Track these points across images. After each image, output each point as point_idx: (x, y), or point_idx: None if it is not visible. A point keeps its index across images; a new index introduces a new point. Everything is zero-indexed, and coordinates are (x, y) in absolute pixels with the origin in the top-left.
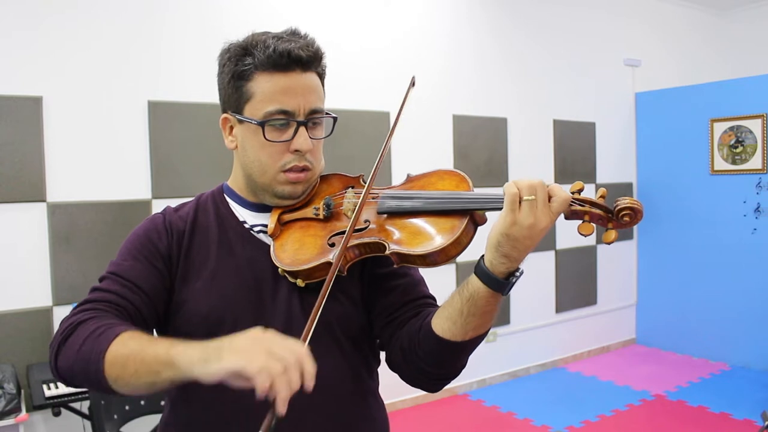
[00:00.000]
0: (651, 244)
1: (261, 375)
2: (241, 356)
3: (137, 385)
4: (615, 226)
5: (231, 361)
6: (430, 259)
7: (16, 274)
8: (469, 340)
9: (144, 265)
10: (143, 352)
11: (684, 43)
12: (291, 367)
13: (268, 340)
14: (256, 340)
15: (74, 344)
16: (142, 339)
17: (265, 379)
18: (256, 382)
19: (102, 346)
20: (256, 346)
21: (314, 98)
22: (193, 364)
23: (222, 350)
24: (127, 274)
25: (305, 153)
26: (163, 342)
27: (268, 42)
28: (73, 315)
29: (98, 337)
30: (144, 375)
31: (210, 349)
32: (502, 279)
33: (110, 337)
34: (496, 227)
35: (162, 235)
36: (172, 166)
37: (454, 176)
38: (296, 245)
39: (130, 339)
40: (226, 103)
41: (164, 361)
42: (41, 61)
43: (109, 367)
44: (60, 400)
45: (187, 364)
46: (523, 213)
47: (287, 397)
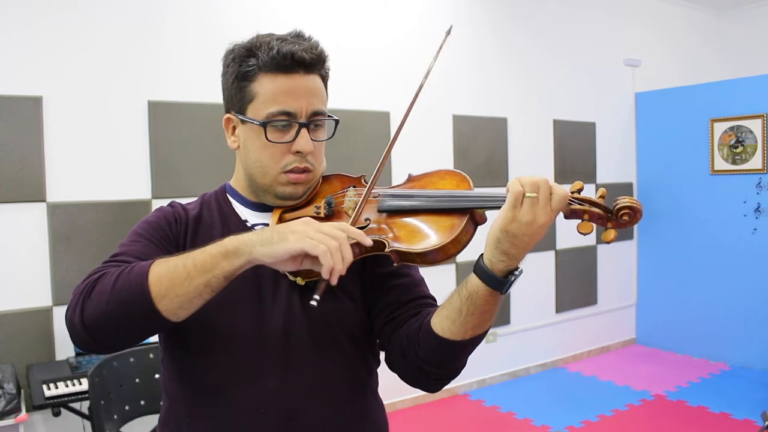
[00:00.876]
0: (651, 244)
1: (325, 254)
2: (304, 237)
3: (189, 291)
4: (614, 226)
5: (296, 243)
6: (429, 258)
7: (16, 274)
8: (468, 340)
9: (157, 246)
10: (191, 256)
11: (684, 43)
12: (343, 241)
13: (317, 223)
14: (309, 223)
15: (104, 288)
16: (179, 255)
17: (329, 257)
18: (323, 260)
19: (141, 270)
20: (311, 229)
21: (316, 100)
22: (254, 246)
23: (283, 232)
24: (138, 253)
25: (306, 155)
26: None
27: (272, 43)
28: (88, 276)
29: (131, 270)
30: (198, 275)
31: (267, 232)
32: (500, 277)
33: (146, 265)
34: (496, 224)
35: (172, 223)
36: (172, 166)
37: (455, 176)
38: None
39: (168, 258)
40: (229, 103)
41: (220, 252)
42: (41, 61)
43: (155, 283)
44: (60, 400)
45: (249, 247)
46: (524, 210)
47: (342, 269)
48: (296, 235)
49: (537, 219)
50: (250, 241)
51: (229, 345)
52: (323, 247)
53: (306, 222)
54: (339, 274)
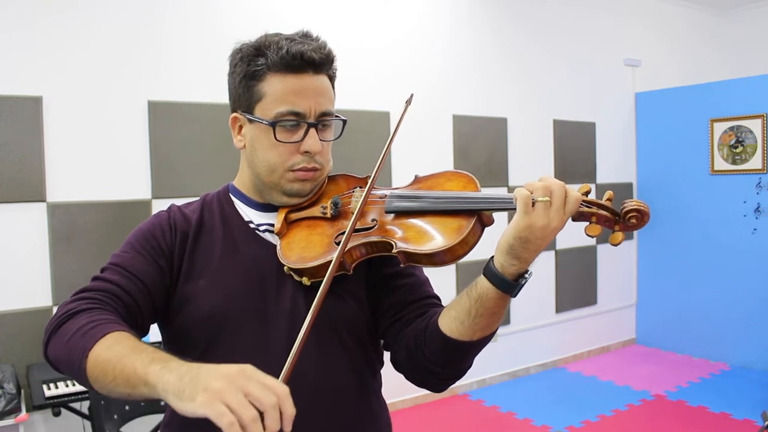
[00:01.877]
0: (651, 244)
1: (232, 428)
2: (213, 402)
3: (115, 392)
4: (622, 228)
5: (202, 406)
6: (437, 259)
7: (16, 274)
8: (477, 341)
9: (146, 259)
10: (124, 361)
11: (684, 43)
12: (269, 410)
13: (245, 380)
14: (232, 380)
15: (65, 335)
16: (127, 345)
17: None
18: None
19: (88, 344)
20: (231, 388)
21: (325, 100)
22: (167, 392)
23: (197, 387)
24: (127, 265)
25: (315, 154)
26: (145, 354)
27: (281, 43)
28: (70, 302)
29: (86, 333)
30: (121, 385)
31: (186, 380)
32: (511, 281)
33: (97, 336)
34: (509, 231)
35: (166, 233)
36: (172, 166)
37: (462, 177)
38: (303, 243)
39: (116, 342)
40: (236, 102)
41: (141, 377)
42: (41, 61)
43: (91, 365)
44: (60, 400)
45: (162, 390)
46: (537, 214)
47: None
48: (205, 396)
49: (551, 223)
50: (166, 386)
51: (233, 347)
52: (229, 419)
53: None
54: None
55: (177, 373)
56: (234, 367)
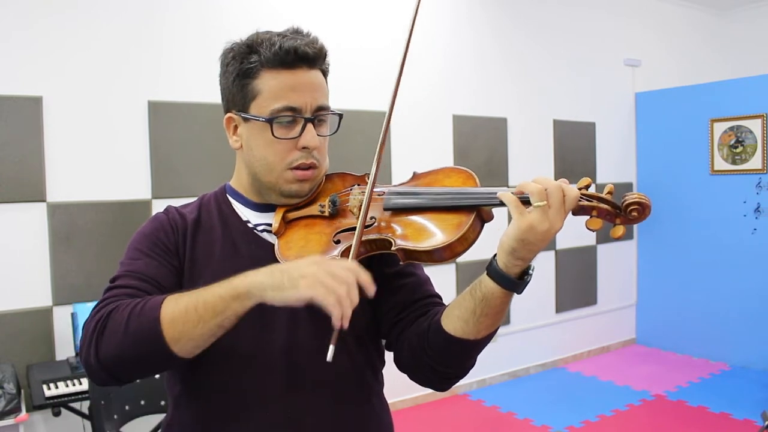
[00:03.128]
0: (651, 244)
1: (336, 306)
2: (315, 284)
3: (203, 333)
4: (623, 222)
5: (307, 290)
6: (436, 256)
7: (16, 274)
8: (481, 339)
9: (158, 262)
10: (201, 298)
11: (684, 43)
12: (352, 286)
13: (327, 265)
14: (319, 266)
15: (117, 328)
16: (191, 293)
17: (338, 308)
18: (332, 311)
19: (153, 313)
20: (321, 273)
21: (320, 95)
22: (266, 290)
23: (293, 276)
24: (141, 270)
25: (312, 150)
26: (215, 285)
27: (274, 40)
28: (97, 312)
29: (142, 310)
30: (210, 318)
31: (277, 275)
32: (517, 279)
33: (156, 304)
34: (510, 233)
35: (169, 233)
36: (172, 166)
37: (461, 173)
38: (301, 242)
39: (179, 298)
40: (230, 102)
41: (230, 295)
42: (41, 61)
43: (168, 327)
44: (60, 400)
45: (260, 291)
46: (537, 219)
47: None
48: (307, 281)
49: (554, 225)
50: (261, 284)
51: (233, 346)
52: (333, 298)
53: (316, 263)
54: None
55: (263, 273)
56: (310, 258)
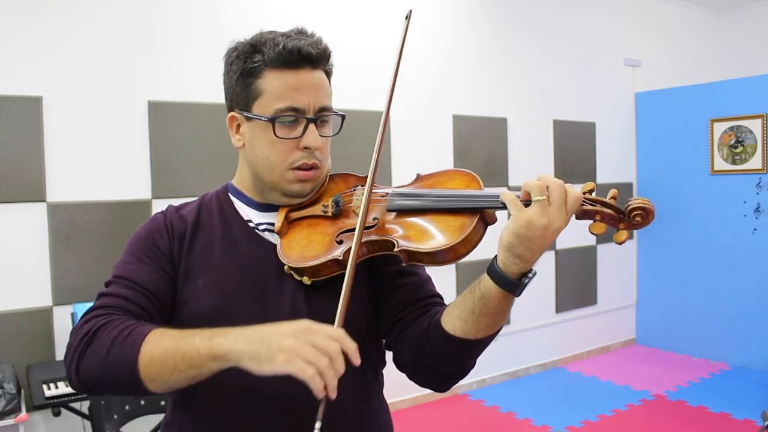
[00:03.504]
0: (651, 244)
1: (315, 379)
2: (292, 358)
3: (177, 380)
4: (626, 227)
5: (283, 365)
6: (439, 258)
7: (16, 274)
8: (480, 339)
9: (150, 267)
10: (181, 347)
11: (684, 43)
12: (335, 356)
13: (310, 334)
14: (299, 336)
15: (99, 351)
16: (174, 335)
17: (318, 380)
18: (311, 385)
19: (133, 349)
20: (301, 344)
21: (323, 95)
22: (241, 358)
23: (272, 348)
24: (133, 277)
25: (314, 150)
26: (199, 334)
27: (278, 39)
28: (85, 323)
29: (125, 340)
30: (185, 370)
31: (256, 344)
32: (514, 280)
33: (139, 338)
34: (508, 228)
35: (164, 235)
36: (172, 166)
37: (465, 176)
38: (304, 242)
39: (162, 337)
40: (233, 101)
41: (207, 354)
42: (41, 61)
43: (144, 368)
44: (60, 400)
45: (235, 358)
46: (537, 213)
47: (336, 384)
48: (284, 355)
49: (552, 223)
50: (239, 351)
51: None
52: (312, 371)
53: (295, 334)
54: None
55: (243, 339)
56: (295, 324)
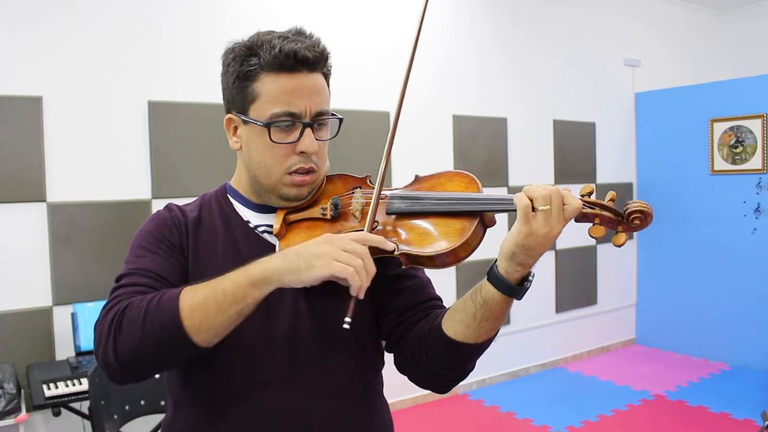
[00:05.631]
0: (651, 244)
1: (354, 276)
2: (330, 262)
3: (223, 321)
4: (625, 229)
5: (324, 269)
6: (439, 261)
7: (16, 274)
8: (481, 343)
9: (163, 258)
10: (219, 287)
11: (684, 43)
12: (365, 256)
13: (339, 240)
14: (330, 243)
15: (134, 323)
16: (207, 283)
17: (357, 278)
18: (351, 281)
19: (172, 305)
20: (334, 250)
21: (320, 99)
22: (282, 275)
23: (309, 258)
24: (149, 267)
25: (311, 155)
26: (231, 273)
27: (274, 42)
28: (108, 311)
29: (159, 303)
30: (229, 305)
31: (292, 258)
32: (516, 285)
33: (173, 296)
34: (511, 238)
35: (172, 229)
36: (172, 166)
37: (464, 177)
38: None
39: (195, 288)
40: (230, 103)
41: (247, 283)
42: (41, 61)
43: (188, 317)
44: (60, 400)
45: (277, 275)
46: (539, 223)
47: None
48: (322, 260)
49: (552, 230)
50: (277, 270)
51: (235, 350)
52: (351, 269)
53: (328, 240)
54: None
55: (277, 259)
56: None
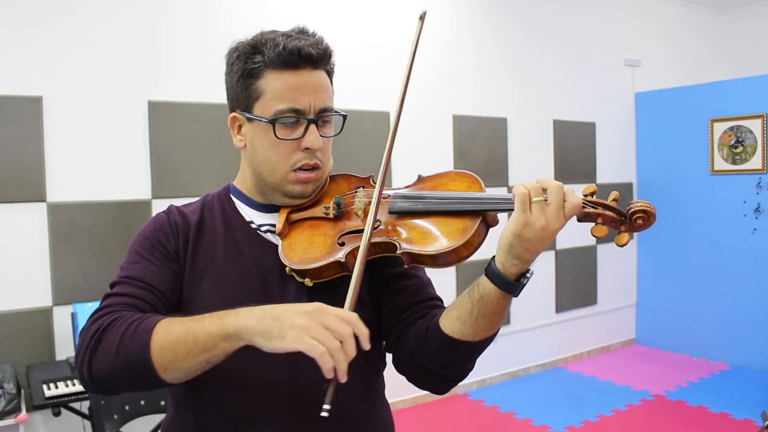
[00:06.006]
0: (651, 244)
1: (324, 357)
2: (302, 336)
3: (192, 366)
4: (628, 229)
5: (294, 342)
6: (441, 260)
7: (16, 274)
8: (479, 341)
9: (157, 266)
10: (192, 331)
11: (684, 43)
12: (347, 338)
13: (323, 315)
14: (312, 316)
15: (110, 347)
16: (184, 321)
17: (328, 359)
18: (321, 363)
19: (144, 338)
20: (313, 323)
21: (324, 96)
22: (253, 335)
23: (283, 326)
24: (140, 276)
25: (315, 151)
26: (209, 317)
27: (278, 40)
28: (93, 322)
29: (135, 332)
30: (199, 353)
31: (268, 321)
32: (513, 281)
33: (149, 328)
34: (508, 229)
35: (169, 236)
36: (172, 166)
37: (466, 177)
38: (305, 244)
39: (171, 324)
40: (234, 101)
41: (219, 334)
42: (41, 61)
43: (157, 356)
44: (60, 400)
45: (246, 335)
46: (535, 214)
47: (346, 367)
48: (295, 333)
49: (550, 224)
50: (250, 329)
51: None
52: (322, 350)
53: (313, 312)
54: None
55: (255, 317)
56: (309, 305)
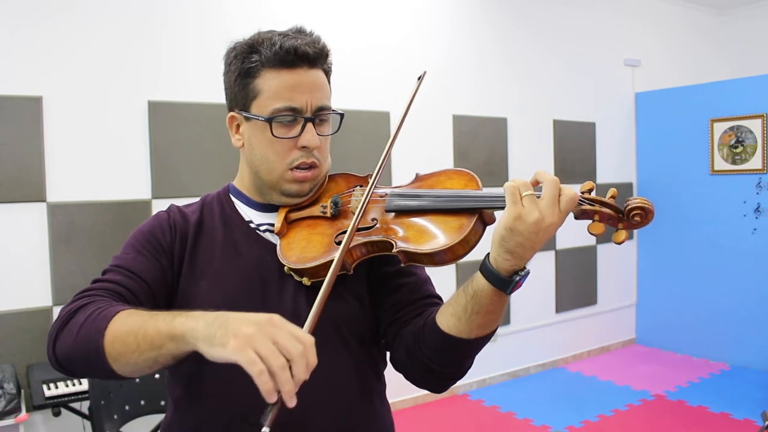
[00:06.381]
0: (651, 244)
1: (262, 376)
2: (244, 347)
3: (139, 362)
4: (625, 227)
5: (233, 352)
6: (437, 258)
7: (16, 274)
8: (474, 339)
9: (147, 258)
10: (145, 326)
11: (684, 43)
12: (296, 359)
13: (274, 328)
14: (262, 328)
15: (73, 328)
16: (142, 314)
17: (266, 379)
18: (257, 382)
19: (101, 324)
20: (261, 336)
21: (321, 95)
22: (197, 339)
23: (227, 332)
24: (128, 265)
25: (313, 149)
26: (164, 314)
27: (275, 39)
28: (70, 303)
29: (97, 317)
30: (146, 350)
31: (215, 325)
32: (505, 277)
33: (109, 315)
34: (500, 221)
35: (166, 232)
36: (172, 166)
37: (463, 175)
38: (303, 243)
39: (130, 316)
40: (232, 101)
41: (167, 333)
42: (41, 60)
43: (109, 345)
44: (60, 400)
45: (191, 338)
46: (527, 207)
47: (293, 390)
48: (237, 343)
49: (544, 218)
50: (196, 333)
51: None
52: (260, 368)
53: (260, 324)
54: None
55: (204, 320)
56: (263, 315)
